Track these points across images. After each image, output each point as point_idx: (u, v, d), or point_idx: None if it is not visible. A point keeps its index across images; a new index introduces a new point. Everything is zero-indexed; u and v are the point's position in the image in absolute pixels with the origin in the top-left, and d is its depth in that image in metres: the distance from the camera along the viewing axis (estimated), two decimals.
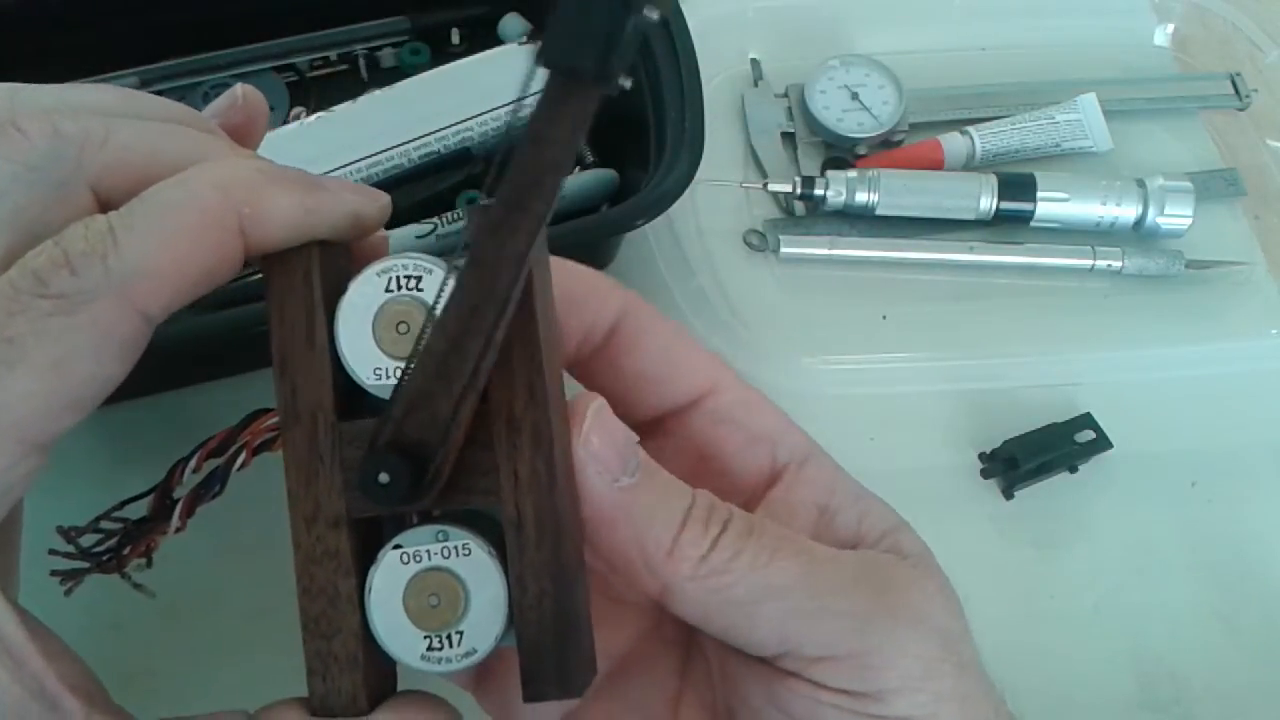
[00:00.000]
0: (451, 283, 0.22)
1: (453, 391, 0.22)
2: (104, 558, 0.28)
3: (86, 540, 0.27)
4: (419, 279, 0.24)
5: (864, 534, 0.28)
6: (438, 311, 0.22)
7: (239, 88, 0.29)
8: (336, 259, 0.25)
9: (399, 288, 0.24)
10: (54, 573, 0.27)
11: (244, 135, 0.29)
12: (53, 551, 0.27)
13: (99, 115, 0.24)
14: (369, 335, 0.23)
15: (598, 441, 0.25)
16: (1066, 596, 0.48)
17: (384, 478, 0.22)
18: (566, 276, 0.28)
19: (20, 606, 0.23)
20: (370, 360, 0.23)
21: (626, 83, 0.20)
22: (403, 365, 0.23)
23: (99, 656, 0.24)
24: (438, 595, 0.24)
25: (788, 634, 0.25)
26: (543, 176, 0.21)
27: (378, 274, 0.24)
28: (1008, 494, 0.50)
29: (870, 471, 0.30)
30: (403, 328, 0.23)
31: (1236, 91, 0.61)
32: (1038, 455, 0.49)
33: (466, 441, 0.23)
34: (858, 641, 0.25)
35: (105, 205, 0.23)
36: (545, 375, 0.23)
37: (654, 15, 0.19)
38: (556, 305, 0.26)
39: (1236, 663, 0.47)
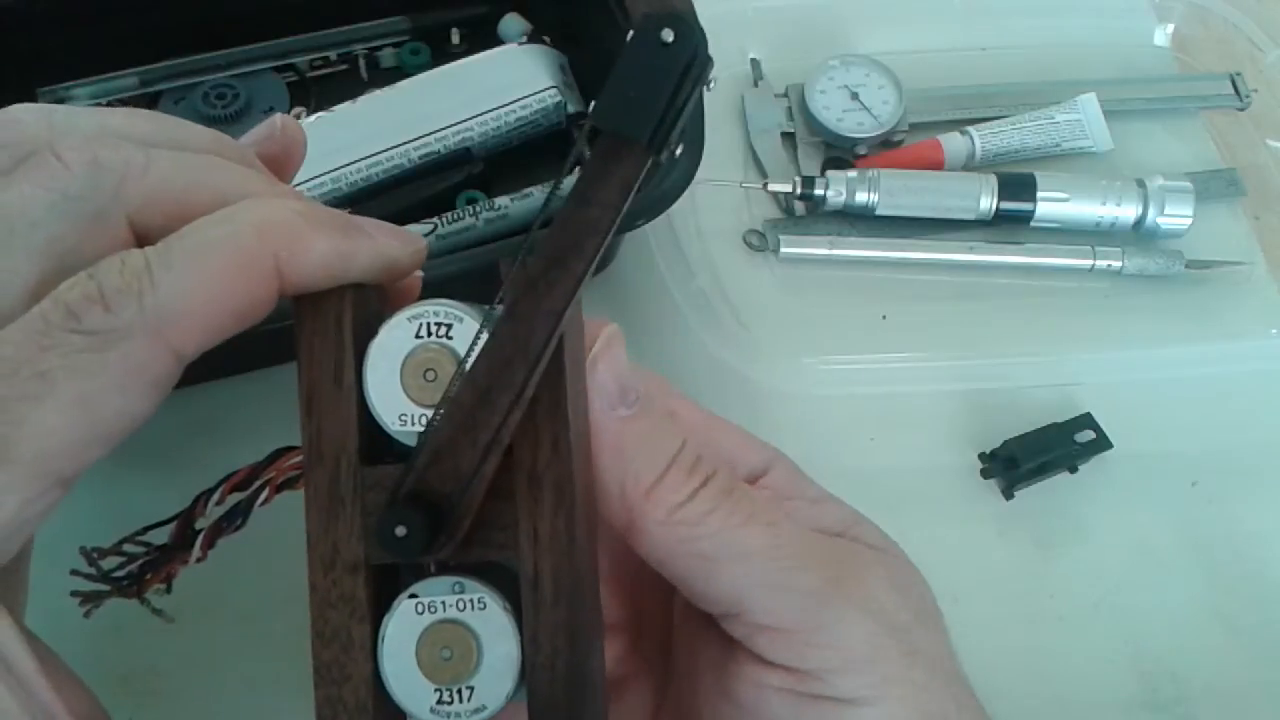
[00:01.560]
0: (484, 335, 0.22)
1: (478, 444, 0.22)
2: (124, 582, 0.28)
3: (108, 563, 0.27)
4: (450, 326, 0.24)
5: (825, 529, 0.29)
6: (469, 363, 0.22)
7: (279, 118, 0.28)
8: (369, 300, 0.25)
9: (429, 334, 0.24)
10: (74, 593, 0.27)
11: (280, 166, 0.28)
12: (74, 572, 0.27)
13: (139, 144, 0.24)
14: (396, 381, 0.23)
15: (603, 369, 0.25)
16: (1066, 596, 0.48)
17: (401, 531, 0.22)
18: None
19: (31, 634, 0.23)
20: (396, 406, 0.23)
21: (678, 150, 0.20)
22: (429, 413, 0.23)
23: (100, 657, 0.24)
24: (451, 649, 0.23)
25: (741, 596, 0.25)
26: (585, 237, 0.21)
27: (409, 319, 0.24)
28: (1008, 494, 0.50)
29: (870, 471, 0.30)
30: (430, 375, 0.23)
31: (1236, 91, 0.61)
32: (1038, 455, 0.49)
33: (488, 494, 0.23)
34: (806, 617, 0.25)
35: (140, 236, 0.23)
36: (570, 430, 0.23)
37: (709, 86, 0.19)
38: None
39: (1236, 663, 0.47)
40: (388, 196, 0.51)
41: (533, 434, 0.23)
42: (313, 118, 0.52)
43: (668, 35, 0.20)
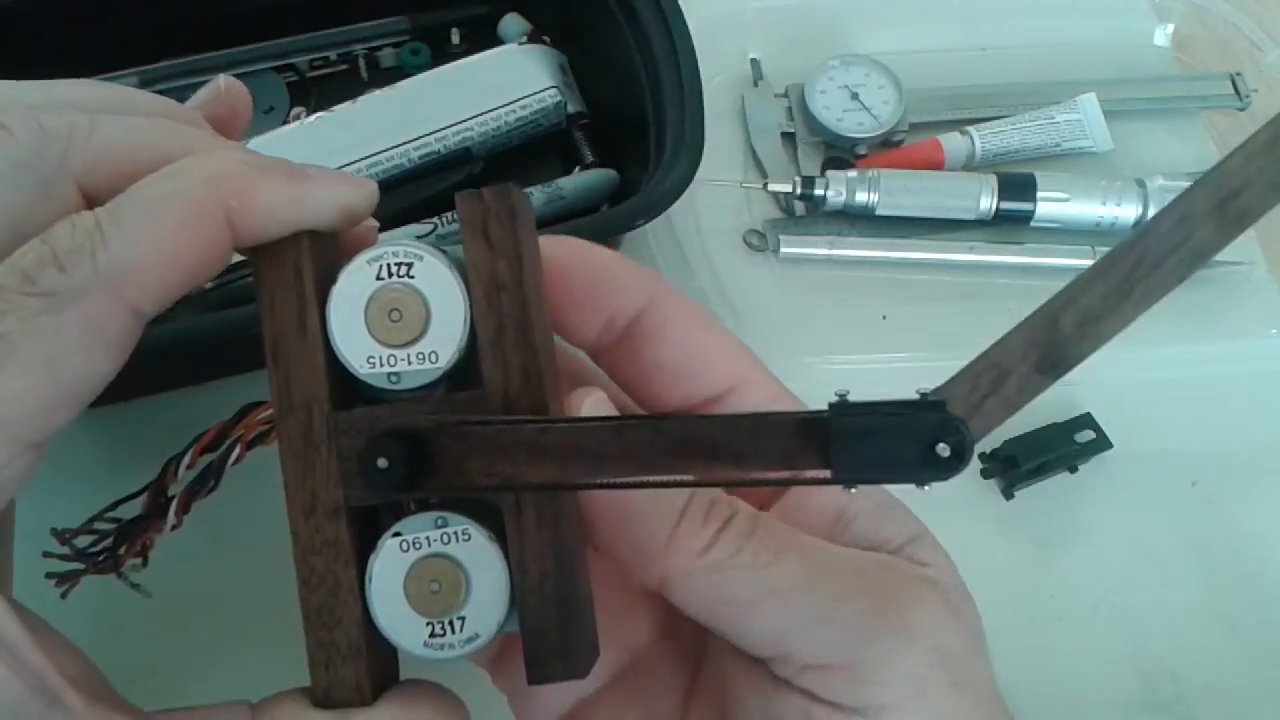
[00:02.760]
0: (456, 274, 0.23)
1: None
2: (99, 558, 0.27)
3: (81, 541, 0.27)
4: (410, 265, 0.23)
5: (881, 542, 0.28)
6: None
7: (221, 79, 0.28)
8: (326, 249, 0.25)
9: (390, 275, 0.23)
10: (49, 575, 0.27)
11: (228, 127, 0.28)
12: (47, 554, 0.27)
13: (83, 110, 0.24)
14: (361, 323, 0.23)
15: None
16: (1066, 596, 0.48)
17: (383, 462, 0.22)
18: (590, 260, 0.27)
19: (18, 603, 0.23)
20: (363, 349, 0.23)
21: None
22: (396, 353, 0.23)
23: (99, 658, 0.24)
24: (438, 581, 0.23)
25: (784, 636, 0.25)
26: None
27: (368, 262, 0.24)
28: (1008, 494, 0.50)
29: None
30: (395, 315, 0.23)
31: (1236, 91, 0.61)
32: (1038, 455, 0.49)
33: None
34: (852, 652, 0.24)
35: (91, 200, 0.23)
36: (540, 359, 0.23)
37: None
38: (580, 289, 0.26)
39: (1237, 662, 0.47)
40: (388, 196, 0.51)
41: (502, 364, 0.23)
42: (313, 118, 0.52)
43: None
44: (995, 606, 0.48)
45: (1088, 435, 0.50)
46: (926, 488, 0.21)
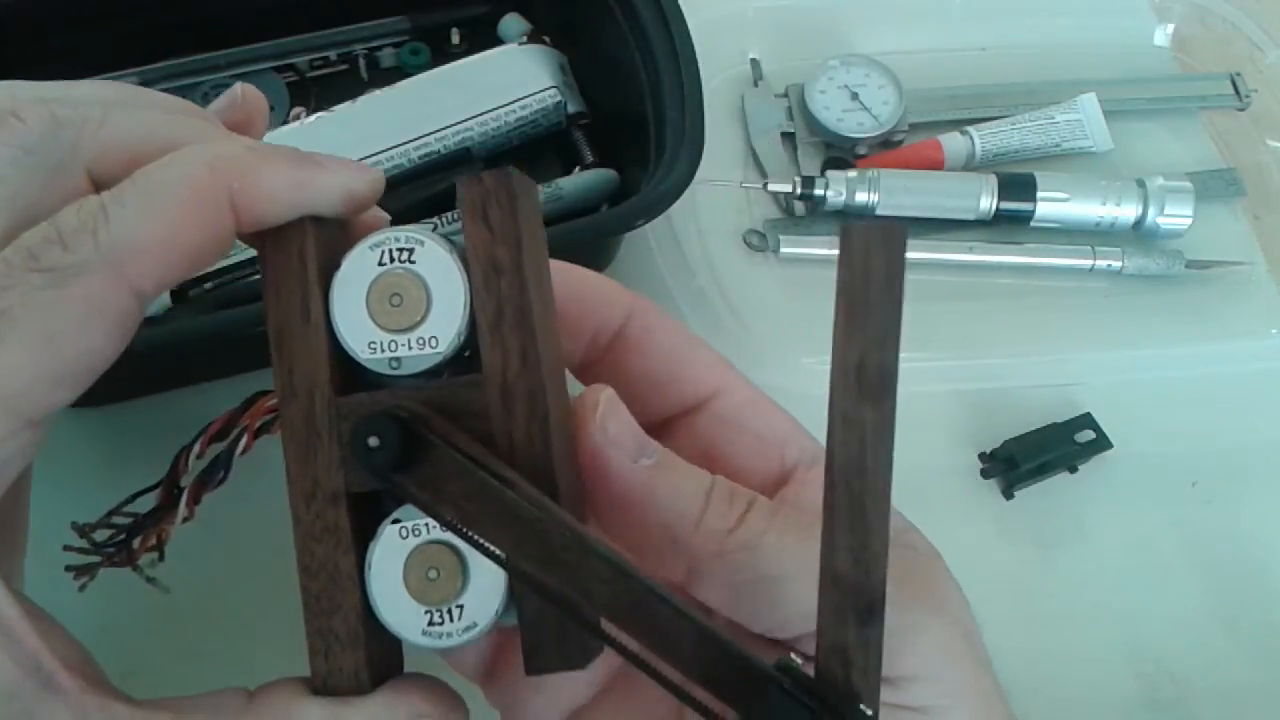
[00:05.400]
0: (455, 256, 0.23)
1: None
2: (116, 551, 0.28)
3: (99, 535, 0.27)
4: (411, 250, 0.24)
5: None
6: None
7: (238, 87, 0.29)
8: (331, 236, 0.25)
9: (391, 260, 0.24)
10: (69, 568, 0.27)
11: (244, 133, 0.29)
12: (67, 547, 0.27)
13: (96, 103, 0.24)
14: (363, 309, 0.23)
15: (614, 427, 0.25)
16: (1066, 596, 0.48)
17: (374, 441, 0.22)
18: (572, 279, 0.28)
19: (17, 590, 0.23)
20: (364, 334, 0.23)
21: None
22: (397, 339, 0.23)
23: (100, 657, 0.24)
24: (437, 569, 0.23)
25: (813, 612, 0.25)
26: None
27: (370, 248, 0.24)
28: (1008, 494, 0.50)
29: None
30: (395, 300, 0.23)
31: (1236, 91, 0.61)
32: (1038, 455, 0.49)
33: (462, 415, 0.23)
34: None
35: (101, 188, 0.23)
36: (539, 341, 0.23)
37: None
38: (563, 310, 0.26)
39: (1236, 663, 0.47)
40: (388, 196, 0.51)
41: (501, 348, 0.23)
42: (313, 118, 0.52)
43: None
44: (995, 606, 0.48)
45: (1088, 435, 0.50)
46: None
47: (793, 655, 0.26)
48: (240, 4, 0.55)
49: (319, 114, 0.52)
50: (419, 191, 0.52)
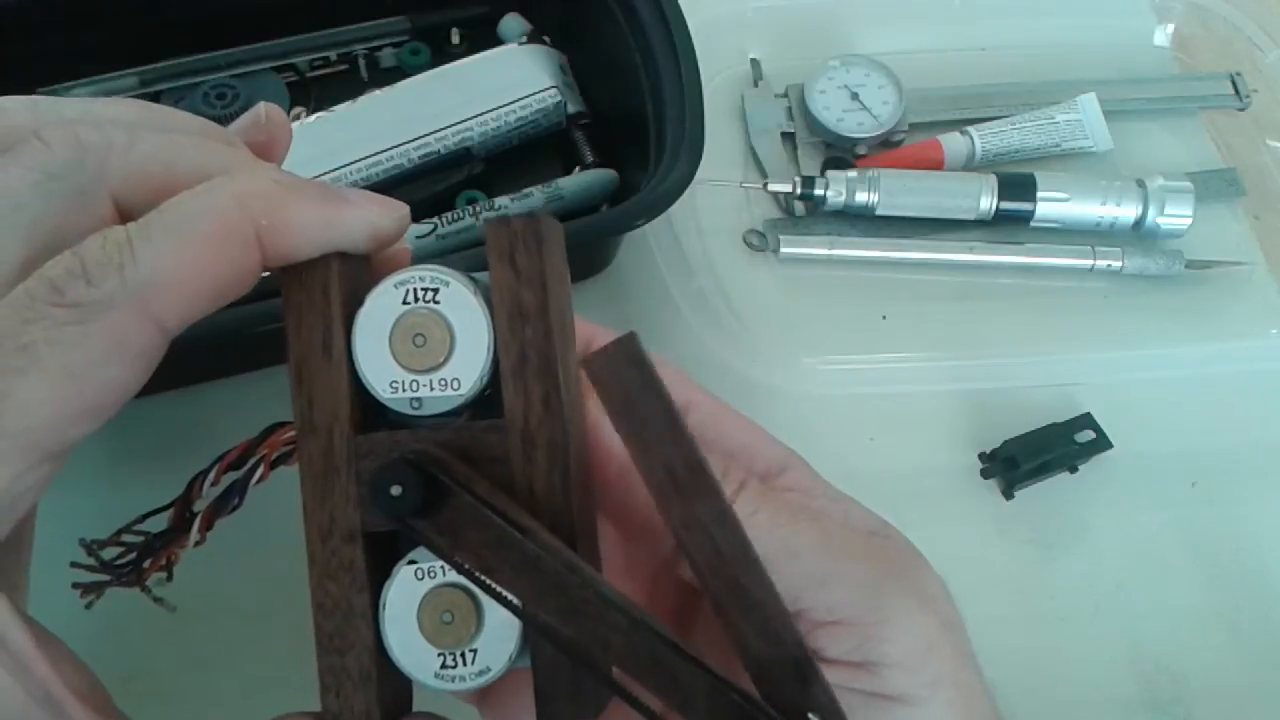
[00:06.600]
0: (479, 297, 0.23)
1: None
2: (125, 571, 0.27)
3: (108, 553, 0.27)
4: (436, 290, 0.23)
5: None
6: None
7: (261, 106, 0.28)
8: (356, 271, 0.24)
9: (416, 299, 0.23)
10: (75, 585, 0.27)
11: (266, 153, 0.28)
12: (75, 564, 0.27)
13: (121, 126, 0.24)
14: (385, 348, 0.23)
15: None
16: (1066, 596, 0.48)
17: (396, 490, 0.22)
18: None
19: (28, 615, 0.23)
20: (386, 373, 0.23)
21: None
22: (419, 379, 0.23)
23: (99, 657, 0.24)
24: (452, 612, 0.23)
25: (799, 594, 0.25)
26: None
27: (395, 285, 0.24)
28: (1008, 494, 0.50)
29: (870, 471, 0.30)
30: (419, 340, 0.23)
31: (1236, 91, 0.61)
32: (1038, 455, 0.49)
33: (482, 460, 0.23)
34: (865, 609, 0.25)
35: (126, 216, 0.23)
36: (562, 389, 0.23)
37: None
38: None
39: (1236, 663, 0.47)
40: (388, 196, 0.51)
41: (524, 394, 0.23)
42: (313, 118, 0.52)
43: None
44: (995, 606, 0.48)
45: (1088, 435, 0.50)
46: None
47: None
48: (240, 4, 0.55)
49: (319, 114, 0.52)
50: (419, 191, 0.52)
